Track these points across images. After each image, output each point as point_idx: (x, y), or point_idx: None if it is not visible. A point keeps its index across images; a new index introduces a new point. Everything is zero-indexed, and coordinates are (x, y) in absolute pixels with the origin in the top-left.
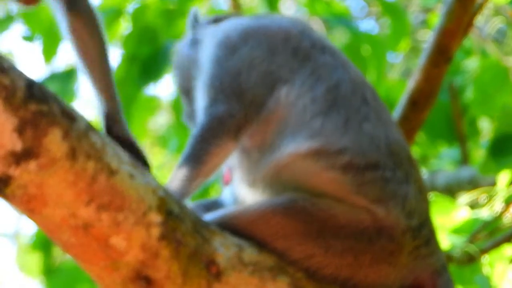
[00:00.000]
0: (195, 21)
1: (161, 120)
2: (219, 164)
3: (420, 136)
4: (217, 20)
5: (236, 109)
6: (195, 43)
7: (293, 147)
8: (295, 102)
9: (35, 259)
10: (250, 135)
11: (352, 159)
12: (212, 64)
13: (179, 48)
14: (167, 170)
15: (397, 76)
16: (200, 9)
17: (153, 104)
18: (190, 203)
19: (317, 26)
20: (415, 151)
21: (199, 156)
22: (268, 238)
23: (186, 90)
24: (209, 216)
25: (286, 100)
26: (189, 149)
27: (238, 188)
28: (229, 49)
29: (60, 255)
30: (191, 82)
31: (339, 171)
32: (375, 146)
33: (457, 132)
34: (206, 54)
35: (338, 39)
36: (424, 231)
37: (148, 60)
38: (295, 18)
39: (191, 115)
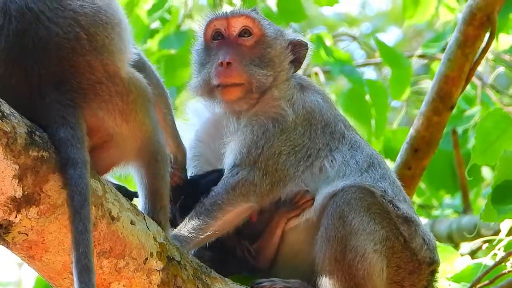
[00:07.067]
0: None
1: None
2: (233, 221)
3: (422, 185)
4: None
5: (261, 181)
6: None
7: (327, 190)
8: (338, 169)
9: None
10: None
11: (392, 199)
12: (258, 132)
13: None
14: None
15: (399, 121)
16: None
17: None
18: None
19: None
20: (417, 199)
21: (212, 211)
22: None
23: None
24: None
25: (325, 170)
26: (206, 201)
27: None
28: (280, 128)
29: None
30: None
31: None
32: (404, 197)
33: (459, 180)
34: (254, 121)
35: (340, 85)
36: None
37: None
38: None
39: None
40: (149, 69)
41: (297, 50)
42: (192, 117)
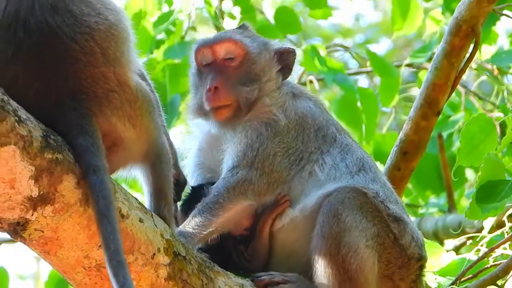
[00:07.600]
0: None
1: None
2: (233, 218)
3: (409, 185)
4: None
5: (258, 180)
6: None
7: (320, 192)
8: (329, 172)
9: None
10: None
11: (383, 200)
12: (252, 136)
13: None
14: None
15: (388, 126)
16: None
17: None
18: None
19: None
20: (404, 199)
21: (214, 209)
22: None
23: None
24: None
25: (315, 174)
26: (208, 199)
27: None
28: (273, 131)
29: None
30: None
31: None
32: (395, 198)
33: (445, 181)
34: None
35: (334, 93)
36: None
37: None
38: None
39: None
40: (146, 75)
41: (285, 57)
42: (195, 129)
